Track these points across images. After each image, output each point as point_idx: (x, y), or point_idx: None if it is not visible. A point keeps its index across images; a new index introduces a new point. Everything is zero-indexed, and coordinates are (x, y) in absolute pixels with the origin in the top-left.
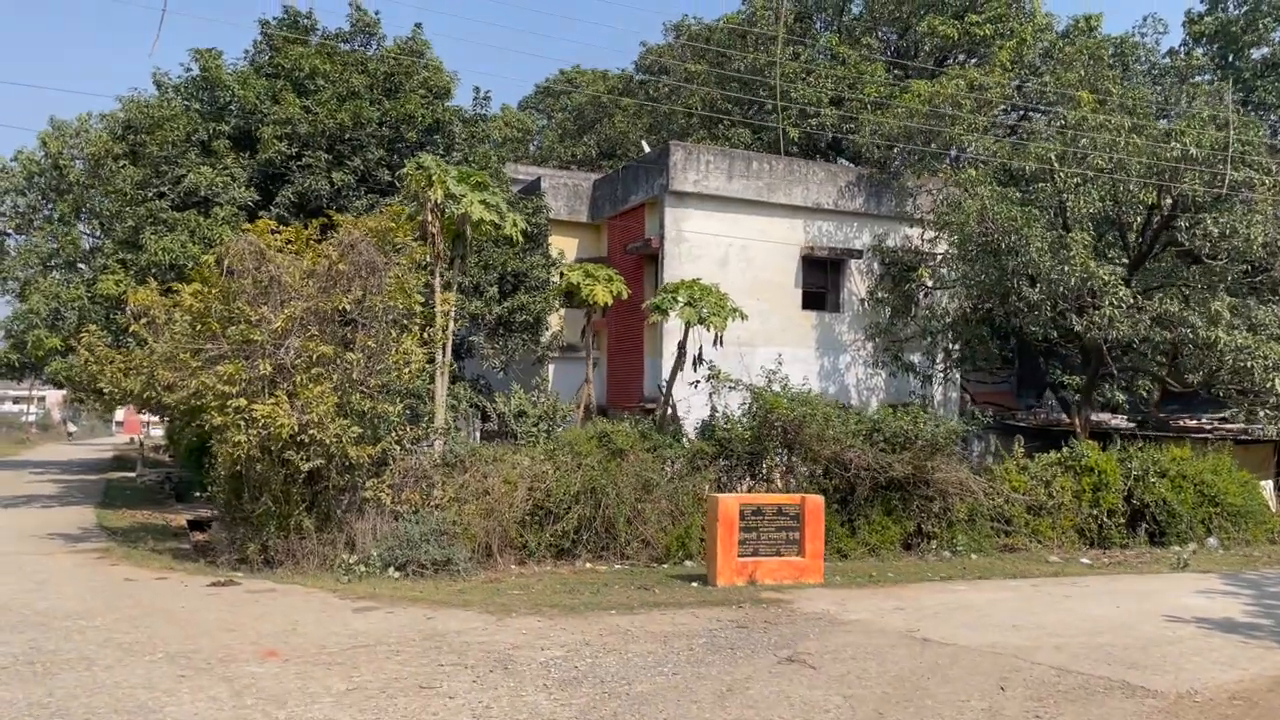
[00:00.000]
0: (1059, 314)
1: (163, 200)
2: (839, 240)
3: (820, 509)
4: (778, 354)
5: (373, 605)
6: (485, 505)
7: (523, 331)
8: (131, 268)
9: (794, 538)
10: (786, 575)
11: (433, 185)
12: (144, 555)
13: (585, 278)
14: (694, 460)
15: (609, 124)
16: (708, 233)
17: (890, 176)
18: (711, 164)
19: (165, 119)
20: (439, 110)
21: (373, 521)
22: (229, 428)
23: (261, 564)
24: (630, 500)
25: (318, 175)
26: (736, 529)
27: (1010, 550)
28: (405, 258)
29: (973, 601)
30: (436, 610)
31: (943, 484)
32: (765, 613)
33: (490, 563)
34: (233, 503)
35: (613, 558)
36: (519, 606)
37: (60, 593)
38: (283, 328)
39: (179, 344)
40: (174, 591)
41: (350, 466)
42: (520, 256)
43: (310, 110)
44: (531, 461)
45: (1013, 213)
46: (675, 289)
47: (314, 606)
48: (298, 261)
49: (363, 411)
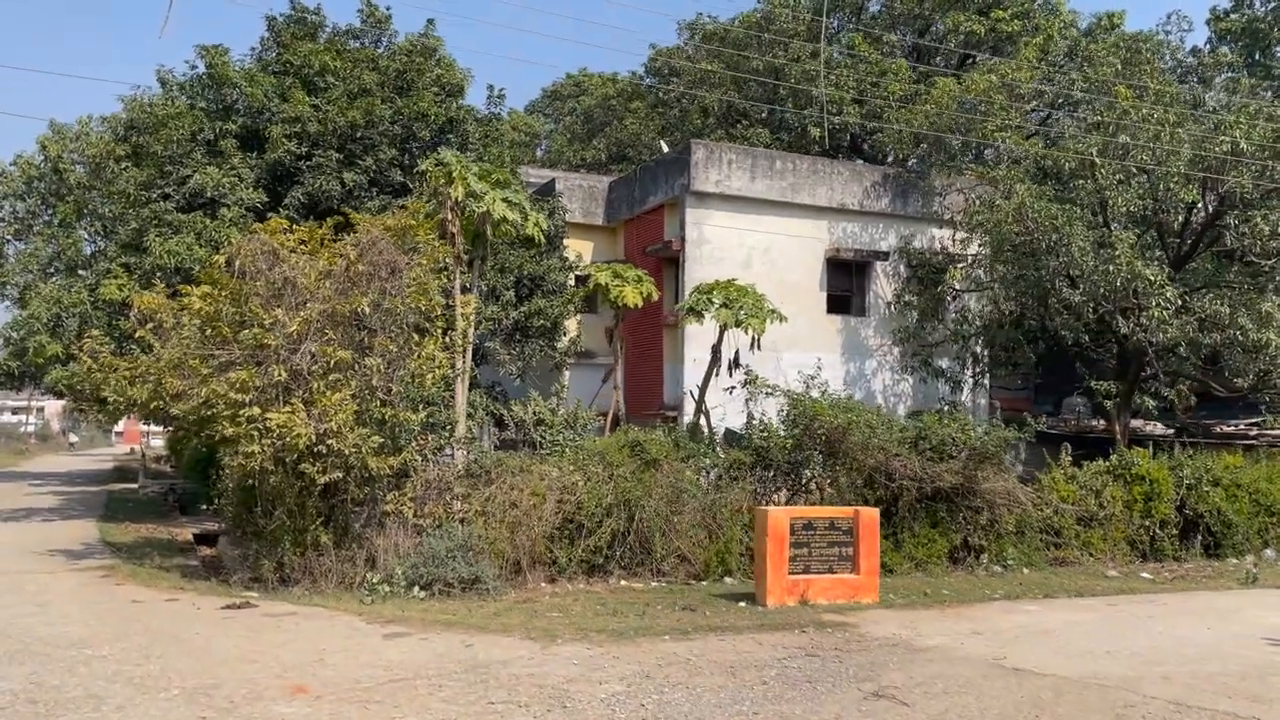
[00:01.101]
0: (1101, 316)
1: (167, 202)
2: (864, 242)
3: (875, 523)
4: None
5: (403, 630)
6: (513, 519)
7: (540, 337)
8: (135, 271)
9: (847, 553)
10: (840, 594)
11: (453, 182)
12: (151, 573)
13: (614, 279)
14: (730, 470)
15: (619, 127)
16: (730, 234)
17: (917, 176)
18: (734, 163)
19: (170, 117)
20: (452, 108)
21: (394, 537)
22: (241, 438)
23: (277, 582)
24: (666, 513)
25: (328, 175)
26: (787, 545)
27: (1061, 564)
28: (425, 258)
29: (1050, 624)
30: (474, 636)
31: (990, 494)
32: (832, 638)
33: (519, 580)
34: (243, 517)
35: (647, 574)
36: (562, 631)
37: (63, 616)
38: (298, 332)
39: (187, 350)
40: (186, 615)
41: (370, 478)
42: (537, 260)
43: (320, 108)
44: (560, 472)
45: (1052, 211)
46: (710, 290)
47: (340, 632)
48: (313, 262)
49: (382, 420)
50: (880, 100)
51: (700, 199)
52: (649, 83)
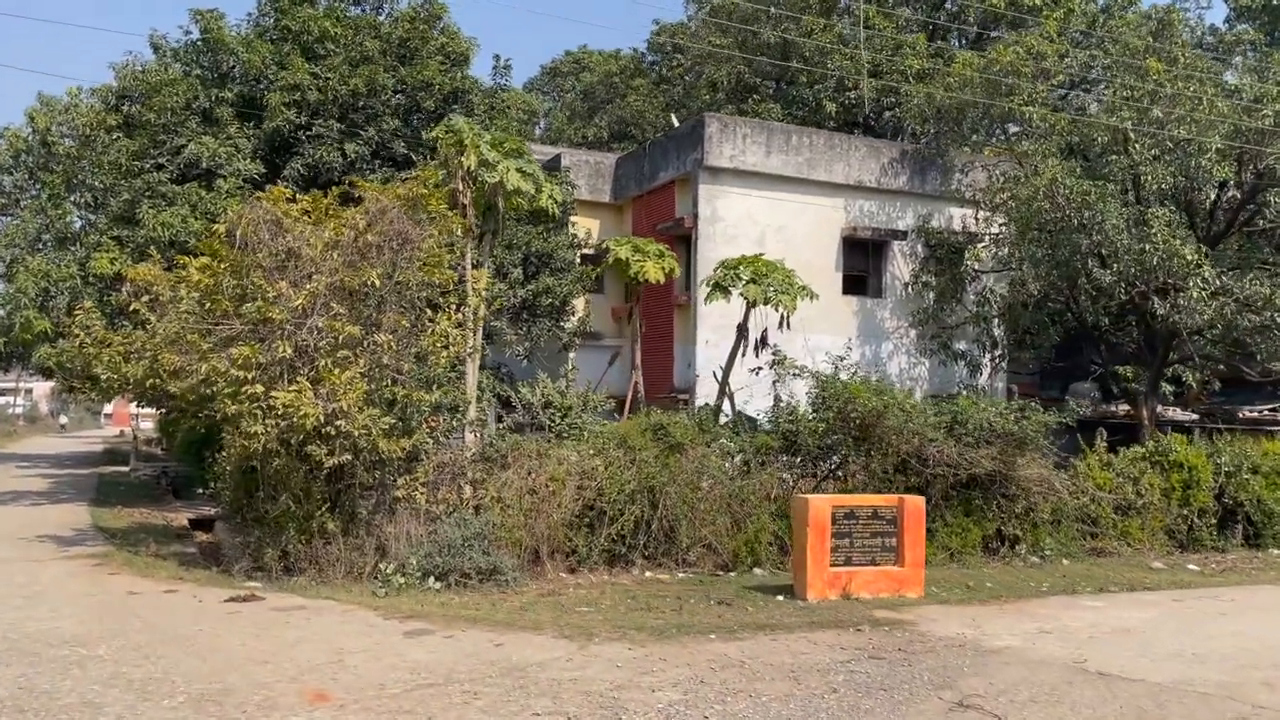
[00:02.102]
0: (1133, 298)
1: (161, 172)
2: (881, 221)
3: (921, 511)
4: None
5: (425, 627)
6: (531, 506)
7: (547, 316)
8: (128, 245)
9: (890, 544)
10: (884, 587)
11: (464, 150)
12: (147, 562)
13: (635, 253)
14: (757, 456)
15: (621, 104)
16: (744, 211)
17: (936, 152)
18: (749, 137)
19: (164, 84)
20: (458, 78)
21: (405, 524)
22: (243, 418)
23: (281, 572)
24: (692, 500)
25: (329, 146)
26: (829, 535)
27: (1099, 554)
28: (438, 228)
29: (1120, 622)
30: (503, 634)
31: (1025, 482)
32: (891, 638)
33: (538, 570)
34: (243, 502)
35: (672, 564)
36: (598, 629)
37: (55, 610)
38: (303, 305)
39: (185, 324)
40: (188, 609)
41: (380, 462)
42: (545, 236)
43: (320, 76)
44: (579, 457)
45: (1085, 187)
46: (736, 264)
47: (356, 629)
48: (318, 232)
49: (393, 400)
50: (898, 75)
51: (714, 174)
52: (651, 60)
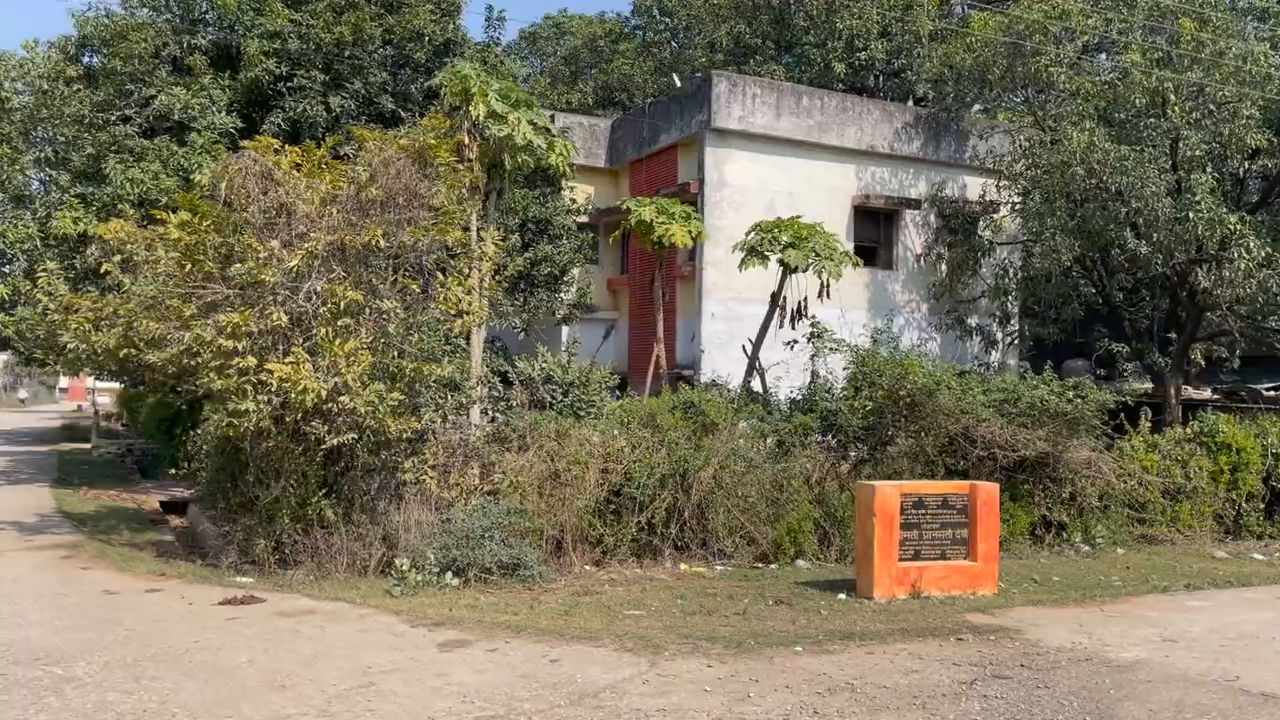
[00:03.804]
0: (1172, 268)
1: (128, 125)
2: (894, 188)
3: (994, 500)
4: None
5: (461, 637)
6: (553, 491)
7: (544, 286)
8: (93, 203)
9: (961, 536)
10: (956, 584)
11: (471, 99)
12: (121, 553)
13: (659, 215)
14: (793, 437)
15: (606, 69)
16: (752, 176)
17: (952, 117)
18: (759, 98)
19: (130, 29)
20: (449, 29)
21: (415, 512)
22: (231, 393)
23: (275, 565)
24: (729, 485)
25: (312, 99)
26: (897, 526)
27: (1150, 541)
28: (447, 183)
29: (1241, 625)
30: (553, 645)
31: (1074, 465)
32: (1002, 649)
33: (561, 563)
34: (226, 486)
35: (706, 555)
36: (662, 640)
37: (20, 615)
38: (300, 267)
39: (164, 287)
40: (177, 613)
41: (385, 442)
42: (542, 201)
43: (301, 24)
44: (602, 437)
45: (1123, 152)
46: (772, 227)
47: (380, 640)
48: (315, 186)
49: (400, 374)
50: (910, 36)
51: (721, 137)
52: (634, 24)
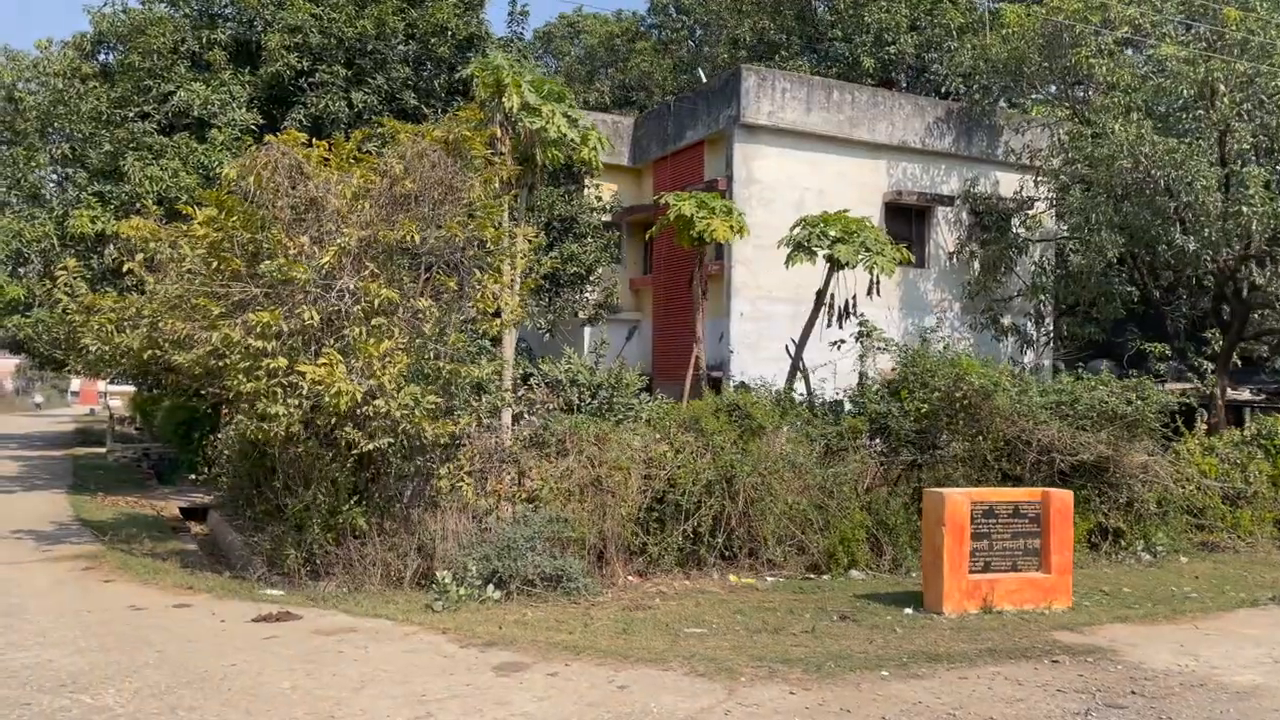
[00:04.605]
0: (1222, 265)
1: (147, 122)
2: (925, 184)
3: (1068, 508)
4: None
5: (516, 659)
6: (595, 499)
7: (570, 286)
8: (111, 202)
9: (1033, 546)
10: (1029, 598)
11: (504, 91)
12: (145, 564)
13: (700, 209)
14: (841, 440)
15: (623, 68)
16: (781, 172)
17: (985, 111)
18: (788, 92)
19: (148, 24)
20: (473, 24)
21: (453, 521)
22: (262, 396)
23: (305, 576)
24: (779, 492)
25: (334, 95)
26: (968, 537)
27: (1211, 549)
28: (484, 176)
29: None
30: (618, 668)
31: (1131, 469)
32: (1104, 673)
33: (603, 574)
34: (250, 493)
35: (754, 565)
36: (734, 663)
37: (42, 635)
38: (332, 264)
39: (190, 286)
40: (209, 632)
41: (420, 447)
42: (567, 199)
43: (323, 18)
44: (643, 442)
45: (1171, 145)
46: (817, 222)
47: (430, 662)
48: (346, 179)
49: (436, 375)
50: (940, 30)
51: (750, 132)
52: (650, 23)
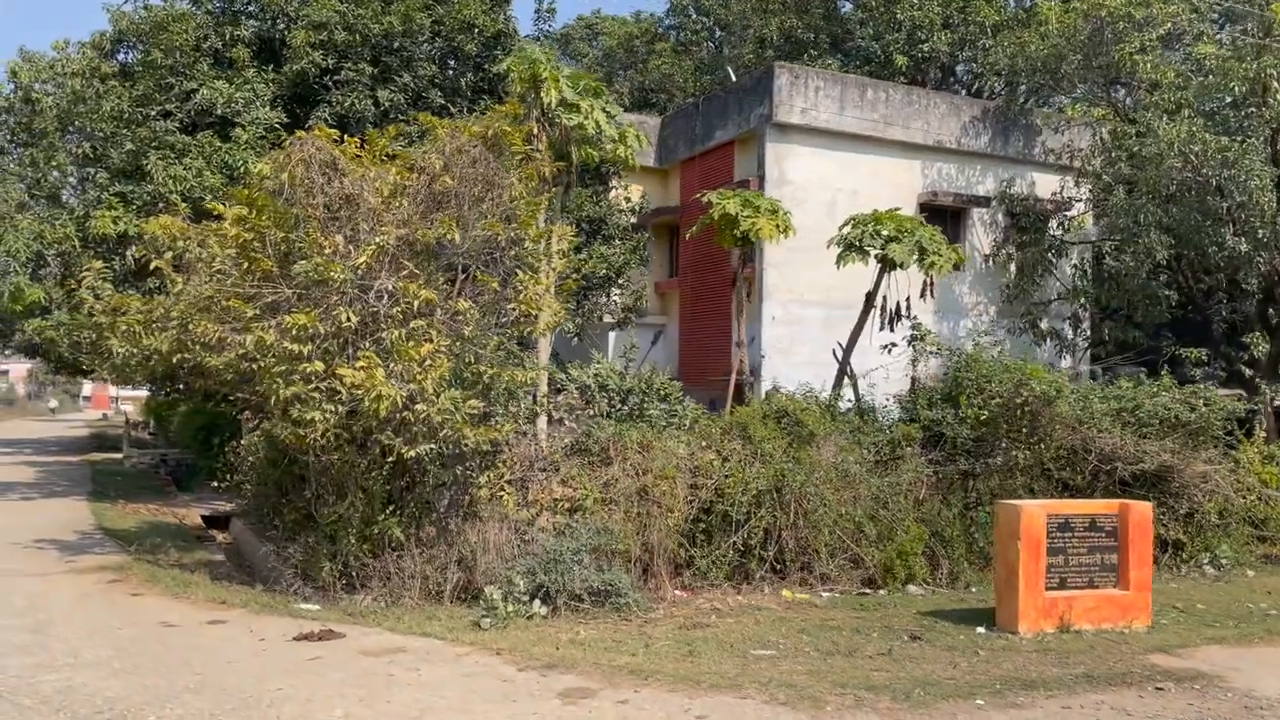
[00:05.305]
0: (1274, 266)
1: (169, 120)
2: (960, 185)
3: (1148, 521)
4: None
5: (581, 685)
6: (641, 509)
7: (599, 289)
8: (134, 202)
9: (1110, 562)
10: (1107, 616)
11: (541, 85)
12: (173, 577)
13: (744, 207)
14: (894, 449)
15: (643, 69)
16: (814, 173)
17: (1022, 110)
18: (822, 90)
19: (170, 20)
20: (500, 20)
21: (494, 532)
22: (298, 401)
23: (341, 589)
24: (833, 503)
25: (360, 93)
26: (1044, 551)
27: (1275, 562)
28: (526, 172)
29: None
30: (690, 696)
31: (1192, 478)
32: (1213, 701)
33: (650, 588)
34: (278, 501)
35: (808, 580)
36: (812, 688)
37: (74, 654)
38: (369, 264)
39: (221, 287)
40: (249, 652)
41: (459, 455)
42: (595, 199)
43: (348, 15)
44: (689, 450)
45: (1224, 143)
46: (869, 220)
47: (489, 687)
48: (383, 176)
49: (476, 380)
50: (975, 27)
51: (783, 131)
52: (668, 24)
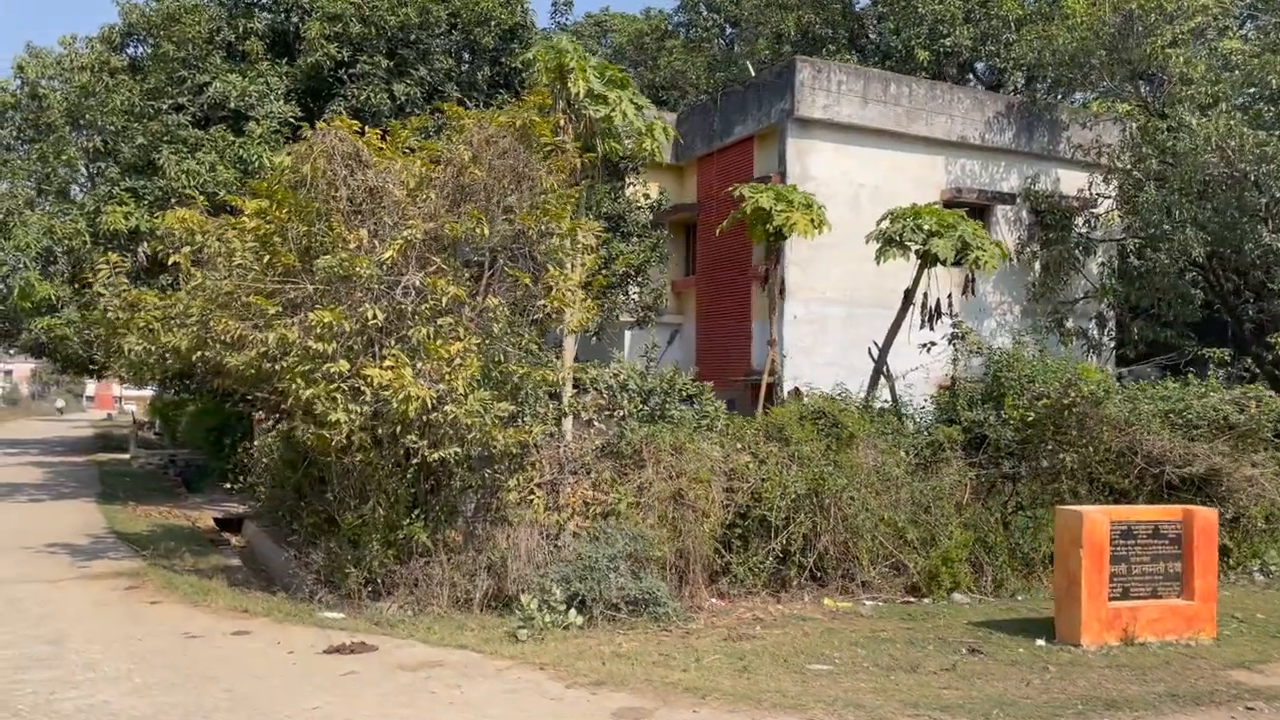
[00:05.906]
0: None
1: (181, 114)
2: (984, 182)
3: (1213, 528)
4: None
5: (633, 704)
6: (677, 514)
7: (618, 287)
8: (145, 197)
9: (1173, 570)
10: (1171, 627)
11: (568, 75)
12: (191, 583)
13: (777, 202)
14: (937, 452)
15: (653, 66)
16: (836, 169)
17: (1048, 105)
18: (844, 85)
19: (182, 12)
20: (517, 13)
21: (524, 538)
22: (321, 401)
23: (366, 597)
24: (875, 508)
25: (376, 86)
26: (1107, 560)
27: None
28: (555, 164)
29: None
30: (754, 718)
31: (1239, 482)
32: None
33: (685, 595)
34: (295, 504)
35: (848, 588)
36: (881, 709)
37: (92, 667)
38: (395, 259)
39: (241, 282)
40: (278, 665)
41: (487, 458)
42: (614, 196)
43: (363, 7)
44: (723, 452)
45: (1262, 138)
46: (909, 215)
47: (537, 706)
48: (409, 167)
49: (505, 380)
50: (997, 21)
51: (804, 127)
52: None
